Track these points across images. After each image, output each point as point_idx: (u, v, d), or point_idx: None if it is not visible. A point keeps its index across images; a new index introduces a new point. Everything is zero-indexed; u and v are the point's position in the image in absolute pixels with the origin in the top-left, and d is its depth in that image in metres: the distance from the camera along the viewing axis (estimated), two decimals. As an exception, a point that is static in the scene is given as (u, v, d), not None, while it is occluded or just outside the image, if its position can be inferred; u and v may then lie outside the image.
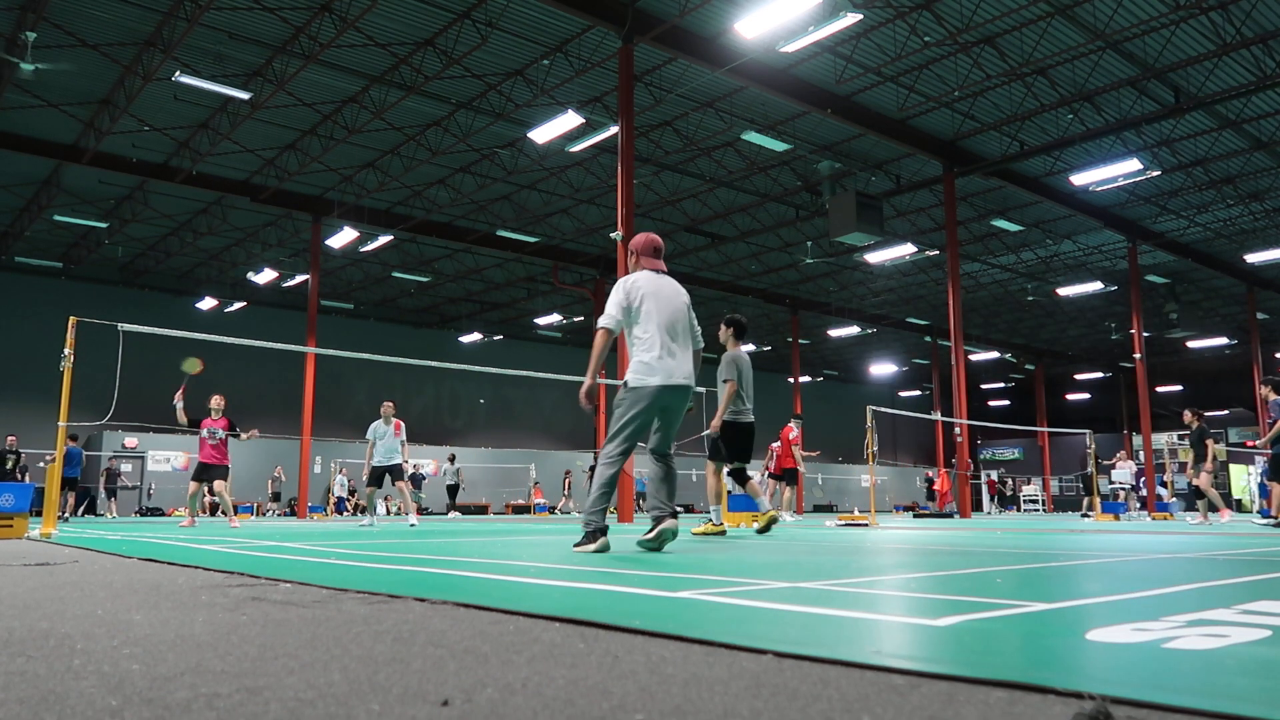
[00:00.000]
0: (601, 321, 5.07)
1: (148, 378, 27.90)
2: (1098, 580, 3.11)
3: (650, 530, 4.89)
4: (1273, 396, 11.06)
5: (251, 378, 31.48)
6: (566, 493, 30.20)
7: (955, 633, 1.77)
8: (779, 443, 17.01)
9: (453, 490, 24.94)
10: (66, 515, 18.60)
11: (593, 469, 29.36)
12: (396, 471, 12.07)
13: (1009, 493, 25.45)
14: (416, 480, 28.49)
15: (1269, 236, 25.97)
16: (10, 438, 18.31)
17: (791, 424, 16.40)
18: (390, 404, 12.33)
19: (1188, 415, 13.26)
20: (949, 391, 35.09)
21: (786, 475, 16.35)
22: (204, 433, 11.55)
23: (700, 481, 36.71)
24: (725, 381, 7.73)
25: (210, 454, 11.53)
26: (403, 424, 12.36)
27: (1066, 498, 41.93)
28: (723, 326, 8.01)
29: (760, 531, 7.63)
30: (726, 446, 7.87)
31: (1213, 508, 13.57)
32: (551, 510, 28.57)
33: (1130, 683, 1.26)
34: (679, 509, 33.85)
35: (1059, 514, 29.64)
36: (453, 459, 25.52)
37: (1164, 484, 28.43)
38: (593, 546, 4.70)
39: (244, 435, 11.94)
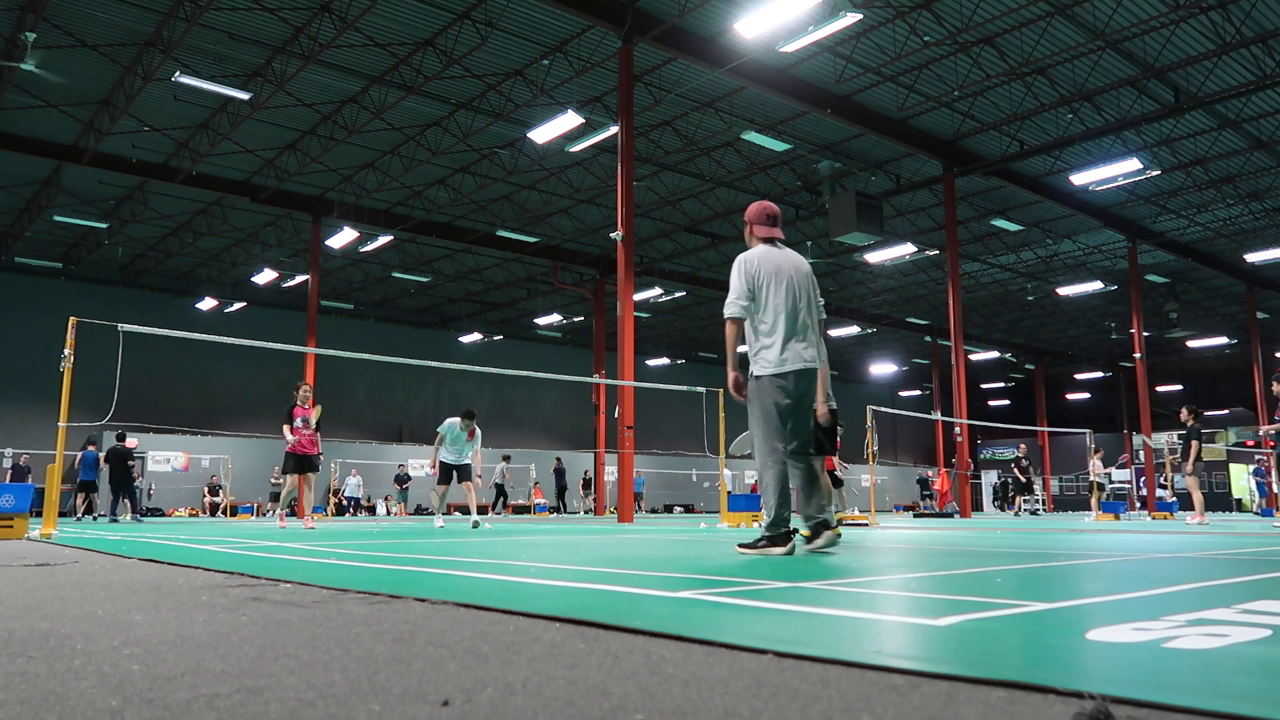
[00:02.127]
0: (728, 312, 4.72)
1: (148, 378, 28.00)
2: (1098, 580, 3.11)
3: (813, 539, 4.71)
4: None
5: (251, 378, 31.48)
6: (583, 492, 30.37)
7: (955, 633, 1.77)
8: None
9: (500, 490, 25.20)
10: (95, 516, 18.50)
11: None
12: (465, 471, 11.96)
13: (1025, 480, 23.91)
14: (402, 480, 28.57)
15: (1269, 236, 25.97)
16: (131, 441, 18.29)
17: None
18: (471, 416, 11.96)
19: (1184, 413, 13.30)
20: (949, 391, 35.08)
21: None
22: (298, 421, 10.71)
23: (701, 481, 36.73)
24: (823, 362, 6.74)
25: (305, 445, 10.72)
26: (479, 430, 12.05)
27: (1067, 497, 41.94)
28: None
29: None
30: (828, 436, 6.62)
31: (1189, 506, 13.60)
32: (554, 510, 28.51)
33: (1130, 682, 1.27)
34: (677, 508, 33.52)
35: (1059, 514, 29.62)
36: (507, 459, 25.74)
37: (1163, 484, 28.39)
38: (780, 550, 4.48)
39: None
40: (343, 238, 23.40)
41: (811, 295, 4.86)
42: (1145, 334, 27.48)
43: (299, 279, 28.38)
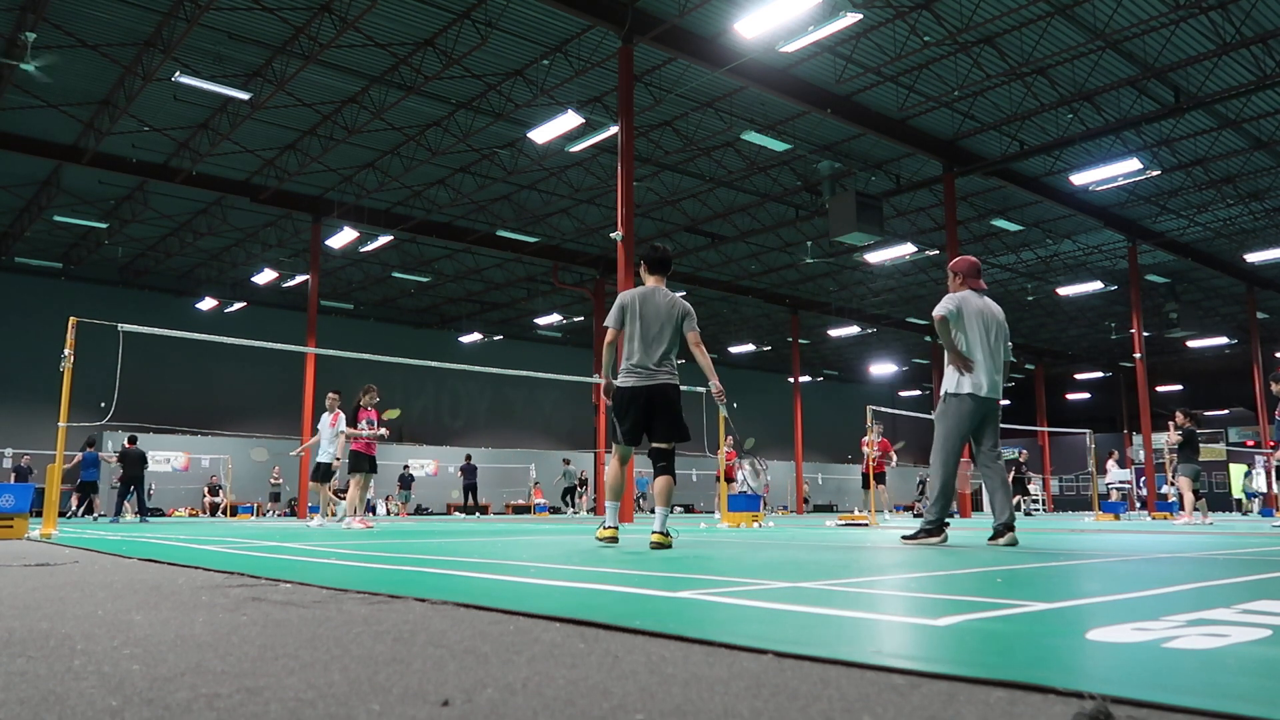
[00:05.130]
0: (939, 316, 5.83)
1: (148, 378, 27.98)
2: (1098, 580, 3.11)
3: (996, 537, 5.51)
4: None
5: (251, 378, 31.49)
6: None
7: (955, 633, 1.77)
8: (725, 446, 17.41)
9: (569, 492, 25.77)
10: (95, 517, 18.45)
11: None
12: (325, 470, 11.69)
13: (1023, 484, 24.06)
14: (406, 480, 28.59)
15: (1269, 236, 25.96)
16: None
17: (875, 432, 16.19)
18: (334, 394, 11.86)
19: (1180, 417, 13.34)
20: (949, 391, 35.06)
21: (878, 476, 16.33)
22: (362, 424, 10.83)
23: (701, 481, 36.76)
24: (605, 328, 5.64)
25: (366, 444, 10.82)
26: (342, 415, 11.73)
27: (1067, 497, 41.92)
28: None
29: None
30: (618, 421, 5.53)
31: (1181, 506, 13.60)
32: (464, 510, 28.01)
33: (1130, 682, 1.26)
34: (677, 508, 33.60)
35: (1059, 514, 29.61)
36: (567, 461, 26.41)
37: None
38: (934, 540, 5.41)
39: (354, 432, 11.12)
40: (343, 238, 23.40)
41: (1005, 336, 5.90)
42: (1145, 334, 27.47)
43: (299, 279, 28.37)
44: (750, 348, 41.08)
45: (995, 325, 5.77)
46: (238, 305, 31.20)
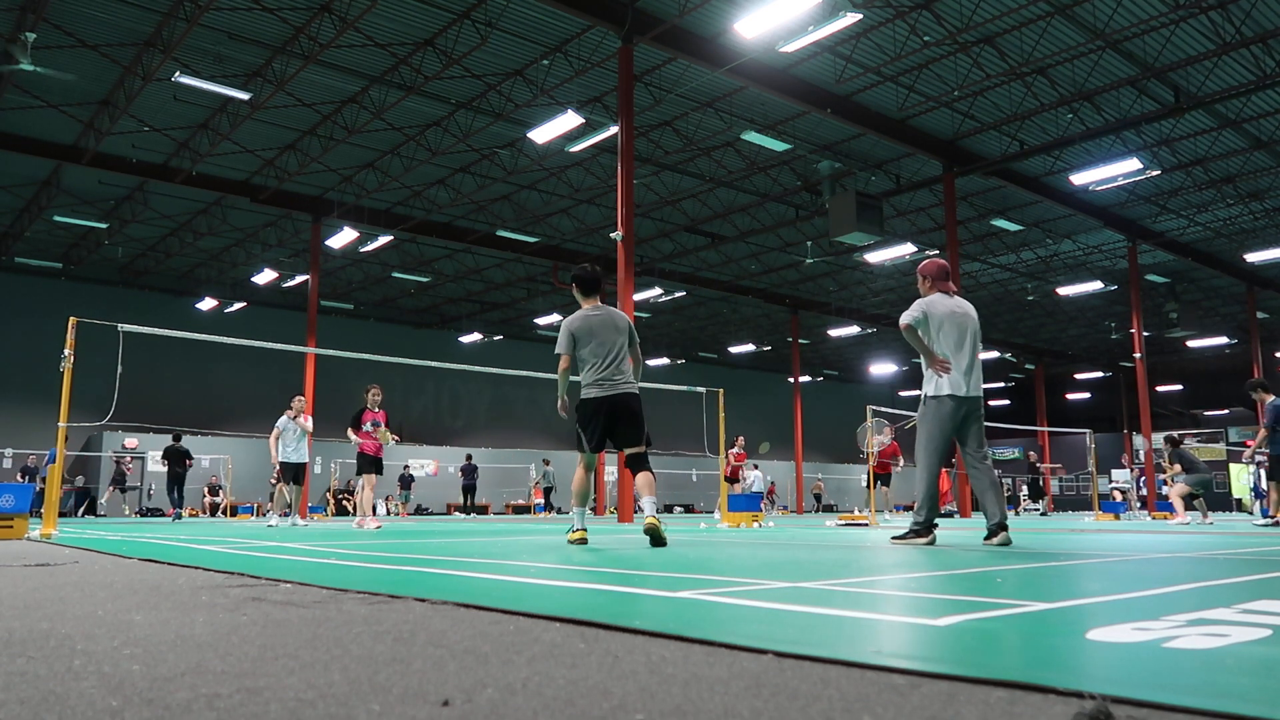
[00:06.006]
0: (904, 324, 5.75)
1: (148, 378, 27.98)
2: (1098, 580, 3.11)
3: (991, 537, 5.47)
4: (1269, 398, 11.07)
5: (251, 378, 31.48)
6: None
7: (955, 633, 1.77)
8: (735, 447, 17.54)
9: (549, 492, 26.11)
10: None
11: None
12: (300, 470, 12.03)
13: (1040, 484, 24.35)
14: (406, 480, 28.63)
15: (1269, 236, 25.96)
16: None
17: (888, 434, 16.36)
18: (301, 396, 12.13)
19: (1163, 442, 13.63)
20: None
21: (881, 477, 16.41)
22: (367, 425, 10.79)
23: (701, 481, 36.78)
24: (558, 356, 6.10)
25: (374, 447, 10.76)
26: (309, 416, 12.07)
27: (1067, 497, 41.90)
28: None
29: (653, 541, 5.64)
30: (583, 431, 5.99)
31: (1191, 508, 13.69)
32: (463, 510, 27.88)
33: (1131, 682, 1.26)
34: (677, 508, 33.67)
35: (1059, 514, 29.61)
36: (547, 462, 26.60)
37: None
38: (923, 541, 5.47)
39: (392, 437, 11.05)
40: (343, 238, 23.40)
41: (977, 338, 5.79)
42: (1145, 334, 27.47)
43: (299, 279, 28.37)
44: (750, 348, 41.06)
45: (970, 324, 5.78)
46: (238, 305, 31.20)
